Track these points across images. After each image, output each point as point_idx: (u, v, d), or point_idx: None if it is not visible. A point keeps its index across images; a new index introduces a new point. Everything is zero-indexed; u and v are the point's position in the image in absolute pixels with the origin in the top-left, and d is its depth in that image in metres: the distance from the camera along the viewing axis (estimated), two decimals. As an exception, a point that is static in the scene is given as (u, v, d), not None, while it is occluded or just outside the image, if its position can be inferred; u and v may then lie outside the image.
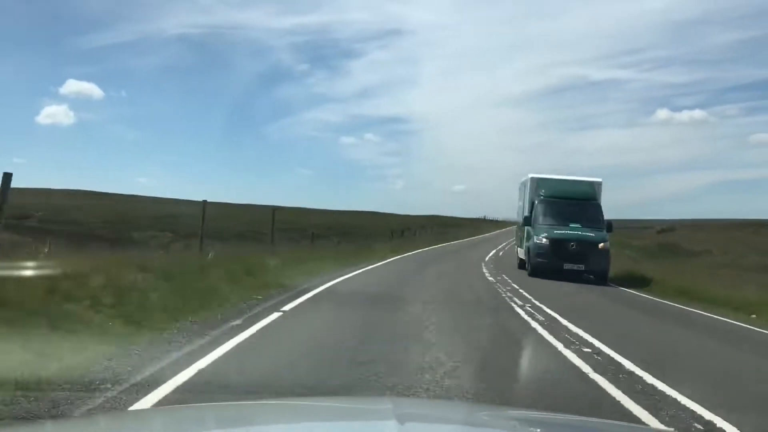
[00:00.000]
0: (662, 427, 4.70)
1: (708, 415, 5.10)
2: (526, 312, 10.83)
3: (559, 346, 7.69)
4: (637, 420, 4.87)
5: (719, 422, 4.93)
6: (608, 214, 20.48)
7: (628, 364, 6.77)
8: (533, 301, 12.59)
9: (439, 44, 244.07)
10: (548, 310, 11.03)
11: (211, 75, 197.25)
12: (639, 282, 19.86)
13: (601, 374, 6.26)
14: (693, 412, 5.19)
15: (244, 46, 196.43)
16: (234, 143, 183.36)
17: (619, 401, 5.37)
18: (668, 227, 67.51)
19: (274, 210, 21.21)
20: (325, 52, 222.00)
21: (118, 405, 4.43)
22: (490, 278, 17.65)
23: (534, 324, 9.48)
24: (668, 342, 9.64)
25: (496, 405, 4.71)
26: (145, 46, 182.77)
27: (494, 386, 5.56)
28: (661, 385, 5.94)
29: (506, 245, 38.27)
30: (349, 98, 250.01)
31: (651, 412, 5.08)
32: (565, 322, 9.73)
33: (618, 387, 5.79)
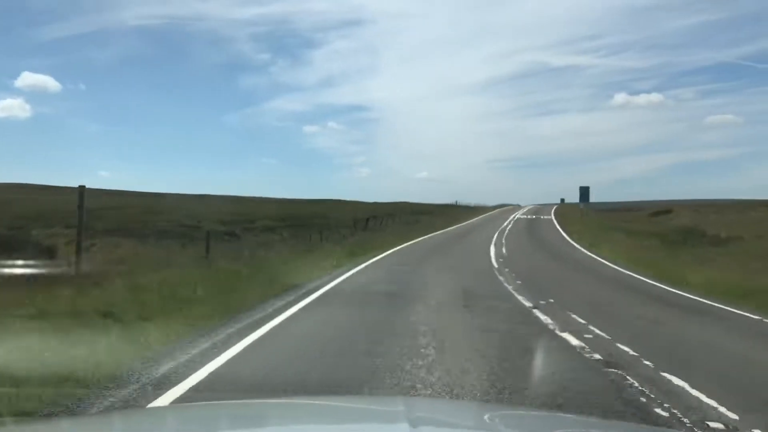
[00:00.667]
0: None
1: None
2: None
3: None
4: None
5: None
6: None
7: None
8: None
9: (399, 32, 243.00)
10: None
11: (171, 66, 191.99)
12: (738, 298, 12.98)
13: None
14: None
15: (204, 37, 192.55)
16: (197, 134, 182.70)
17: None
18: (664, 209, 61.86)
19: (77, 198, 13.63)
20: (287, 42, 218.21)
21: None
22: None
23: None
24: None
25: (510, 405, 4.58)
26: (104, 37, 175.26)
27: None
28: None
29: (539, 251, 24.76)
30: (312, 87, 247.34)
31: None
32: None
33: None
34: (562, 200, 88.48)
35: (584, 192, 52.63)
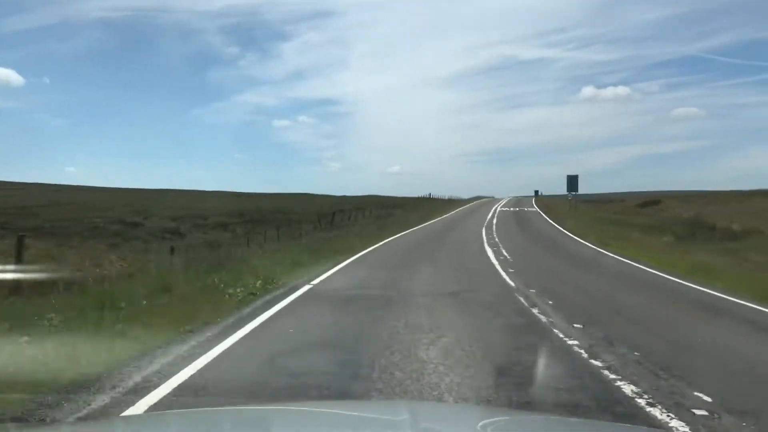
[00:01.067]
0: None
1: None
2: None
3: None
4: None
5: None
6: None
7: None
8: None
9: (371, 25, 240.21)
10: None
11: (138, 59, 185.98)
12: None
13: None
14: None
15: (171, 29, 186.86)
16: (165, 128, 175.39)
17: None
18: (650, 200, 58.03)
19: None
20: (256, 35, 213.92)
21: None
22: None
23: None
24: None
25: (513, 410, 4.32)
26: (68, 30, 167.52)
27: None
28: None
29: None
30: (282, 81, 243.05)
31: None
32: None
33: None
34: (537, 192, 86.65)
35: (572, 181, 48.16)
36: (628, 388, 5.12)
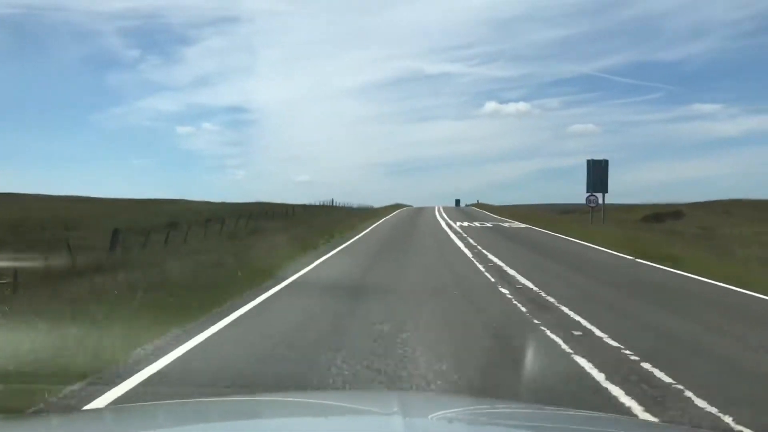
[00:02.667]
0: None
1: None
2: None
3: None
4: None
5: None
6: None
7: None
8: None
9: (278, 32, 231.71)
10: None
11: (30, 60, 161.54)
12: None
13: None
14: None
15: (67, 30, 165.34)
16: (61, 133, 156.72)
17: None
18: (669, 211, 44.01)
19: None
20: (158, 38, 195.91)
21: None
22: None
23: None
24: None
25: (503, 399, 4.53)
26: None
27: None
28: None
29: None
30: (186, 87, 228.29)
31: None
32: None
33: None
34: (458, 201, 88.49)
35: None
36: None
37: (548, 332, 7.78)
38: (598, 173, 32.36)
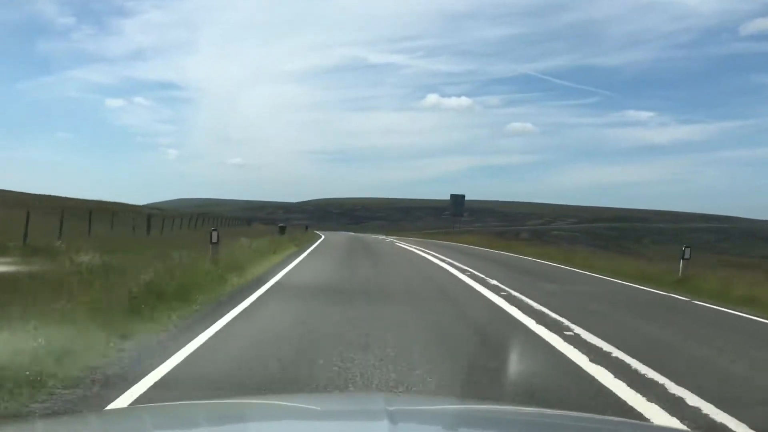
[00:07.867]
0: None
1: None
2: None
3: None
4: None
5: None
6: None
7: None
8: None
9: (220, 10, 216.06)
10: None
11: None
12: None
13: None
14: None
15: None
16: None
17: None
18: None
19: None
20: (94, 7, 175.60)
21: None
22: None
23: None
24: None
25: (489, 402, 4.64)
26: None
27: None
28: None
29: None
30: (120, 59, 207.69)
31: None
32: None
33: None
34: None
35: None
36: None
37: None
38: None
